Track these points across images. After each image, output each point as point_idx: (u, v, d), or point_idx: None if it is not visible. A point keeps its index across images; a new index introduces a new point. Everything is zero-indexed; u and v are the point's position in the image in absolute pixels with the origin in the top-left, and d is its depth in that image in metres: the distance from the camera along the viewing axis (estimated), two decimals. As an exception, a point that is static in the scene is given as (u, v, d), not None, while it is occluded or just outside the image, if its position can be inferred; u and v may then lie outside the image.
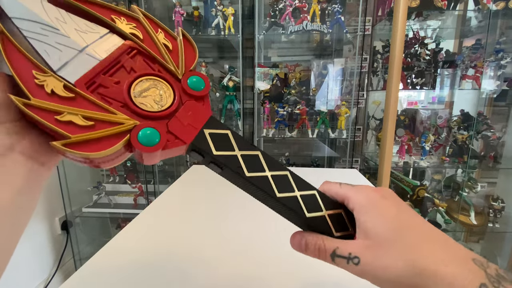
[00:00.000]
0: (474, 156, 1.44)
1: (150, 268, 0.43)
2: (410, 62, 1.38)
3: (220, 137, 0.23)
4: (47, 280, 1.37)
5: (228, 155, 0.23)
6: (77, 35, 0.22)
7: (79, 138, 0.19)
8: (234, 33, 1.39)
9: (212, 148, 0.23)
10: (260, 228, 0.54)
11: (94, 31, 0.23)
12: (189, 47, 0.25)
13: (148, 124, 0.21)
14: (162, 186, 1.61)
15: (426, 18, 1.48)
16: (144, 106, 0.22)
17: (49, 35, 0.21)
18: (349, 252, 0.21)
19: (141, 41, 0.24)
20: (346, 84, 1.52)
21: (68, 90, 0.20)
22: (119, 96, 0.22)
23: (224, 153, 0.23)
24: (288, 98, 1.49)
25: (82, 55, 0.22)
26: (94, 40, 0.22)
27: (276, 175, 0.24)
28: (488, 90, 1.44)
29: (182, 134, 0.22)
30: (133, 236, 0.53)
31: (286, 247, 0.48)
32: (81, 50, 0.22)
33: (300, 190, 0.24)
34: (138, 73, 0.23)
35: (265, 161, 0.24)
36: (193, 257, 0.46)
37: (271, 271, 0.42)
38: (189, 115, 0.23)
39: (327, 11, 1.35)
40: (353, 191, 0.23)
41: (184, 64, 0.24)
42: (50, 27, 0.21)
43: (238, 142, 0.23)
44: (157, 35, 0.24)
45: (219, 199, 0.71)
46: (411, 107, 1.55)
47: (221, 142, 0.23)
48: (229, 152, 0.23)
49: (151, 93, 0.22)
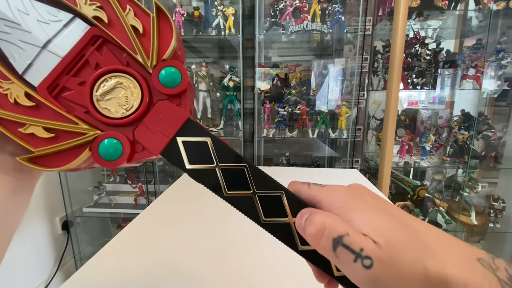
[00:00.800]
0: (475, 156, 1.44)
1: (151, 268, 0.43)
2: (411, 62, 1.38)
3: (196, 147, 0.19)
4: (47, 280, 1.37)
5: (203, 169, 0.19)
6: (39, 28, 0.19)
7: (42, 152, 0.18)
8: (235, 33, 1.39)
9: (184, 160, 0.19)
10: (261, 229, 0.54)
11: (57, 19, 0.19)
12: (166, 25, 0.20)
13: (111, 134, 0.19)
14: (163, 186, 1.61)
15: (427, 18, 1.47)
16: (107, 112, 0.19)
17: (12, 33, 0.19)
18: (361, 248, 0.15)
19: (106, 26, 0.19)
20: (347, 84, 1.52)
21: (30, 99, 0.18)
22: (82, 100, 0.19)
23: (200, 166, 0.19)
24: (288, 98, 1.49)
25: (44, 53, 0.19)
26: (57, 31, 0.19)
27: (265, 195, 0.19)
28: (489, 90, 1.44)
29: (149, 144, 0.19)
30: (133, 236, 0.53)
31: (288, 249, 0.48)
32: (43, 47, 0.19)
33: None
34: (100, 71, 0.19)
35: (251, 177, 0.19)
36: (193, 257, 0.46)
37: (274, 271, 0.42)
38: (159, 119, 0.19)
39: (327, 11, 1.35)
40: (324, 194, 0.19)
41: (158, 51, 0.19)
42: (13, 23, 0.19)
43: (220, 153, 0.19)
44: (125, 14, 0.19)
45: (220, 199, 0.71)
46: (411, 107, 1.55)
47: (197, 153, 0.19)
48: (206, 165, 0.19)
49: (116, 95, 0.19)
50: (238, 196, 0.19)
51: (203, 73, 1.43)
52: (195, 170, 0.19)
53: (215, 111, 1.59)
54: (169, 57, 0.20)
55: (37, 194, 1.32)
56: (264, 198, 0.19)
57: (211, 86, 1.46)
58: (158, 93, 0.20)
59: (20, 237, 1.22)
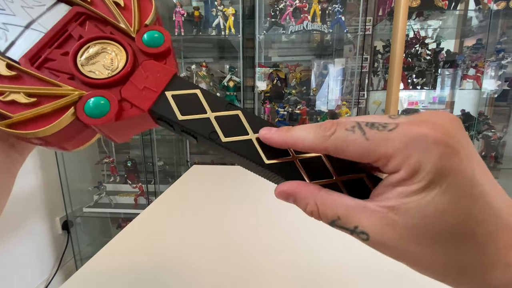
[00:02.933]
0: (475, 156, 1.44)
1: (151, 268, 0.43)
2: (411, 62, 1.38)
3: (187, 99, 0.19)
4: (47, 280, 1.37)
5: (197, 119, 0.19)
6: (23, 11, 0.21)
7: (21, 117, 0.18)
8: (235, 33, 1.39)
9: (176, 112, 0.19)
10: (262, 228, 0.54)
11: (40, 4, 0.21)
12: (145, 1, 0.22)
13: (97, 93, 0.19)
14: (163, 186, 1.61)
15: (427, 18, 1.47)
16: (92, 74, 0.20)
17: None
18: (355, 225, 0.14)
19: (89, 4, 0.21)
20: (347, 84, 1.52)
21: (11, 69, 0.19)
22: (66, 67, 0.20)
23: (192, 117, 0.19)
24: (288, 98, 1.49)
25: (27, 31, 0.20)
26: (41, 13, 0.21)
27: None
28: (489, 90, 1.44)
29: (138, 100, 0.19)
30: (133, 236, 0.53)
31: (289, 248, 0.48)
32: (26, 26, 0.20)
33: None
34: (84, 39, 0.20)
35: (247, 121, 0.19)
36: (193, 257, 0.46)
37: (274, 272, 0.42)
38: (146, 77, 0.20)
39: (327, 11, 1.35)
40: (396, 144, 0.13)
41: (139, 20, 0.21)
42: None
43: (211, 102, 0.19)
44: None
45: (220, 199, 0.71)
46: (411, 107, 1.55)
47: (188, 105, 0.19)
48: (199, 115, 0.19)
49: (101, 59, 0.20)
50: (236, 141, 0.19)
51: (203, 73, 1.43)
52: (189, 120, 0.19)
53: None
54: (151, 23, 0.21)
55: (37, 194, 1.32)
56: None
57: (211, 86, 1.46)
58: (143, 55, 0.21)
59: (20, 237, 1.22)
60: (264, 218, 0.58)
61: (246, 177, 0.82)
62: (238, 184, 0.81)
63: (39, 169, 1.33)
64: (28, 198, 1.27)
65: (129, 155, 1.69)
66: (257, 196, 0.70)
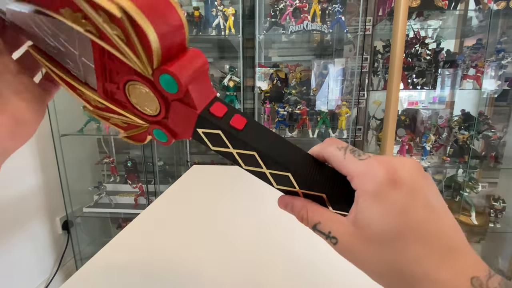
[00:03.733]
0: (475, 156, 1.44)
1: (151, 268, 0.43)
2: (411, 62, 1.38)
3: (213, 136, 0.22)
4: (48, 280, 1.37)
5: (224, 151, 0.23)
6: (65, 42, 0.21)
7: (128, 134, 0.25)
8: (235, 33, 1.39)
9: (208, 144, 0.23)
10: (262, 228, 0.54)
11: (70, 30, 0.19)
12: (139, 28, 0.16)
13: (155, 126, 0.23)
14: (163, 186, 1.61)
15: (427, 18, 1.47)
16: (146, 111, 0.22)
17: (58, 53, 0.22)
18: (329, 231, 0.20)
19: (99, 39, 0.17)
20: (347, 84, 1.52)
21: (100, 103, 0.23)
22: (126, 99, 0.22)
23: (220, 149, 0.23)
24: (288, 98, 1.49)
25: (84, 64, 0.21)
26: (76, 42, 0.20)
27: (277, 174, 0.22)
28: (489, 90, 1.44)
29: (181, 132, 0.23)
30: (133, 236, 0.53)
31: (289, 246, 0.48)
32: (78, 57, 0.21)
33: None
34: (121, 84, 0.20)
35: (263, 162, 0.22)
36: (194, 257, 0.46)
37: (273, 272, 0.42)
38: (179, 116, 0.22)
39: (327, 11, 1.35)
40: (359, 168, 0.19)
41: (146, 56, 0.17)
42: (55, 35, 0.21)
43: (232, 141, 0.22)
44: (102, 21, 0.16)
45: (220, 199, 0.71)
46: (411, 107, 1.55)
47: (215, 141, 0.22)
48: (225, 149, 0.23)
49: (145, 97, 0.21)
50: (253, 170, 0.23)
51: (203, 73, 1.43)
52: (218, 150, 0.23)
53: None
54: (158, 63, 0.18)
55: (37, 194, 1.32)
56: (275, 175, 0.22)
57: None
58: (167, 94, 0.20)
59: (20, 237, 1.22)
60: (263, 217, 0.58)
61: (245, 177, 0.82)
62: (238, 184, 0.81)
63: (39, 169, 1.33)
64: (28, 198, 1.27)
65: (129, 155, 1.69)
66: (256, 196, 0.70)
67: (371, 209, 0.18)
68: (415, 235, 0.17)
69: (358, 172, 0.19)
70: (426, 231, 0.17)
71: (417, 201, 0.17)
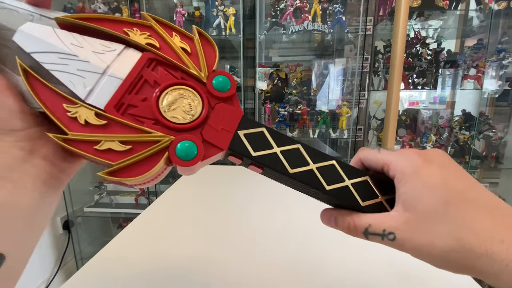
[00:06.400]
0: (476, 156, 1.44)
1: (152, 268, 0.43)
2: (412, 62, 1.38)
3: (256, 137, 0.22)
4: (48, 280, 1.37)
5: (267, 154, 0.22)
6: (96, 57, 0.21)
7: (121, 165, 0.19)
8: (235, 33, 1.39)
9: (249, 149, 0.22)
10: (262, 228, 0.54)
11: (111, 49, 0.22)
12: (208, 45, 0.24)
13: (184, 137, 0.21)
14: (164, 185, 1.61)
15: (428, 18, 1.47)
16: (176, 119, 0.21)
17: (70, 64, 0.21)
18: (383, 229, 0.19)
19: (158, 50, 0.22)
20: (347, 84, 1.52)
21: (100, 118, 0.20)
22: (149, 113, 0.21)
23: (263, 152, 0.22)
24: (289, 98, 1.49)
25: (105, 78, 0.21)
26: (113, 59, 0.22)
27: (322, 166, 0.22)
28: (490, 90, 1.43)
29: (217, 141, 0.22)
30: (134, 236, 0.53)
31: (289, 246, 0.48)
32: (103, 73, 0.21)
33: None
34: (162, 85, 0.22)
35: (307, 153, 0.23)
36: (194, 257, 0.46)
37: (274, 272, 0.42)
38: (221, 119, 0.22)
39: (328, 11, 1.35)
40: (393, 156, 0.21)
41: (206, 65, 0.23)
42: (69, 55, 0.21)
43: (276, 138, 0.23)
44: (173, 39, 0.23)
45: (221, 198, 0.71)
46: (412, 107, 1.55)
47: (258, 142, 0.22)
48: (268, 150, 0.22)
49: (180, 104, 0.22)
50: (300, 172, 0.22)
51: (203, 73, 1.43)
52: (260, 156, 0.22)
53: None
54: (216, 68, 0.23)
55: (38, 194, 1.32)
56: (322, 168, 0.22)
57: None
58: (213, 98, 0.22)
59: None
60: (264, 217, 0.58)
61: (246, 177, 0.82)
62: (238, 184, 0.81)
63: (40, 169, 1.33)
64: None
65: (130, 155, 1.69)
66: (257, 196, 0.70)
67: (415, 187, 0.19)
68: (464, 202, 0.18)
69: (394, 158, 0.20)
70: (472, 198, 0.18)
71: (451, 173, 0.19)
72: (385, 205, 0.22)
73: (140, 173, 0.20)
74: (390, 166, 0.20)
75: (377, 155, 0.22)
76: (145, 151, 0.20)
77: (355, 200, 0.22)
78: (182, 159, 0.20)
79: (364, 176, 0.22)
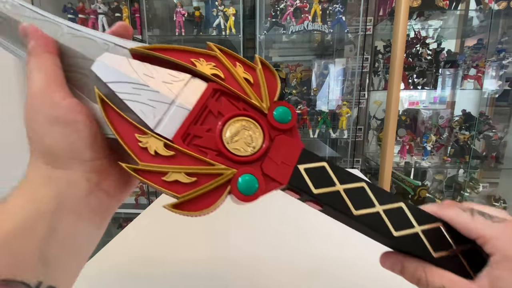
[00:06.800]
0: (476, 156, 1.44)
1: (151, 268, 0.43)
2: (412, 62, 1.38)
3: (317, 172, 0.21)
4: (48, 280, 1.37)
5: (329, 192, 0.21)
6: (165, 87, 0.22)
7: (186, 198, 0.19)
8: (235, 33, 1.39)
9: (310, 186, 0.21)
10: (262, 229, 0.54)
11: (179, 79, 0.22)
12: (270, 75, 0.23)
13: (245, 170, 0.20)
14: (163, 186, 1.61)
15: (428, 18, 1.47)
16: (238, 151, 0.21)
17: (141, 93, 0.21)
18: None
19: (223, 81, 0.22)
20: (347, 84, 1.52)
21: (168, 149, 0.20)
22: (212, 144, 0.21)
23: (325, 190, 0.21)
24: (289, 98, 1.49)
25: (173, 108, 0.21)
26: (180, 89, 0.22)
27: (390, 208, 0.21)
28: (490, 90, 1.44)
29: (277, 175, 0.21)
30: (134, 236, 0.53)
31: (289, 250, 0.48)
32: (171, 103, 0.21)
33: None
34: (226, 116, 0.22)
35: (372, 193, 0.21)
36: (194, 257, 0.46)
37: (274, 274, 0.43)
38: (281, 152, 0.21)
39: (328, 11, 1.35)
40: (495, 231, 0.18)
41: (268, 96, 0.22)
42: (141, 85, 0.21)
43: (338, 174, 0.21)
44: (236, 69, 0.23)
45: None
46: (412, 107, 1.55)
47: (319, 178, 0.21)
48: (330, 188, 0.21)
49: (242, 136, 0.21)
50: (365, 214, 0.20)
51: (203, 73, 1.43)
52: (322, 194, 0.21)
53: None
54: (278, 98, 0.23)
55: (38, 194, 1.32)
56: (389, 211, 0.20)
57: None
58: (274, 130, 0.22)
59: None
60: (265, 218, 0.58)
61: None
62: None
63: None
64: (29, 198, 1.27)
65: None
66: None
67: None
68: None
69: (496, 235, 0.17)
70: None
71: None
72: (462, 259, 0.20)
73: (203, 206, 0.20)
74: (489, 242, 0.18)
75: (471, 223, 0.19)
76: (209, 184, 0.20)
77: (426, 250, 0.20)
78: (244, 194, 0.20)
79: (435, 222, 0.20)
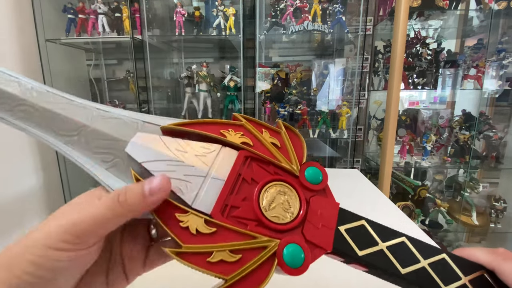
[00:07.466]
0: (476, 156, 1.44)
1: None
2: (412, 62, 1.38)
3: (357, 231, 0.20)
4: (48, 280, 1.37)
5: (374, 253, 0.20)
6: (199, 161, 0.21)
7: (234, 279, 0.18)
8: (235, 33, 1.39)
9: (355, 248, 0.20)
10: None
11: (210, 151, 0.22)
12: (295, 137, 0.24)
13: (289, 240, 0.19)
14: (163, 186, 1.61)
15: (428, 17, 1.47)
16: (277, 219, 0.20)
17: (177, 170, 0.21)
18: None
19: (252, 148, 0.22)
20: (347, 84, 1.52)
21: (209, 225, 0.19)
22: (251, 214, 0.20)
23: (369, 251, 0.20)
24: (289, 98, 1.49)
25: (208, 180, 0.21)
26: (213, 160, 0.22)
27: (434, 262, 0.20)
28: (490, 90, 1.43)
29: (320, 240, 0.19)
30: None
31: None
32: (206, 176, 0.21)
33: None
34: (261, 183, 0.21)
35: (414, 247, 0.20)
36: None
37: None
38: (319, 214, 0.20)
39: (328, 11, 1.35)
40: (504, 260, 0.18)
41: (296, 158, 0.22)
42: (176, 161, 0.21)
43: (378, 231, 0.20)
44: (263, 135, 0.23)
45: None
46: (412, 107, 1.55)
47: (361, 238, 0.20)
48: (374, 248, 0.20)
49: (278, 201, 0.20)
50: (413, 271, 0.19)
51: (203, 73, 1.43)
52: (367, 255, 0.19)
53: (216, 111, 1.59)
54: (305, 159, 0.23)
55: (38, 195, 1.32)
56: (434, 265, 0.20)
57: (211, 86, 1.46)
58: (307, 191, 0.21)
59: (20, 237, 1.22)
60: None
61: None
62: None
63: (40, 169, 1.33)
64: (29, 199, 1.27)
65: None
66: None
67: None
68: None
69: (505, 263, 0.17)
70: None
71: None
72: None
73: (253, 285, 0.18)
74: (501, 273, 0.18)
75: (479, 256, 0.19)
76: (255, 260, 0.18)
77: None
78: (291, 267, 0.18)
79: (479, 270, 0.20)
